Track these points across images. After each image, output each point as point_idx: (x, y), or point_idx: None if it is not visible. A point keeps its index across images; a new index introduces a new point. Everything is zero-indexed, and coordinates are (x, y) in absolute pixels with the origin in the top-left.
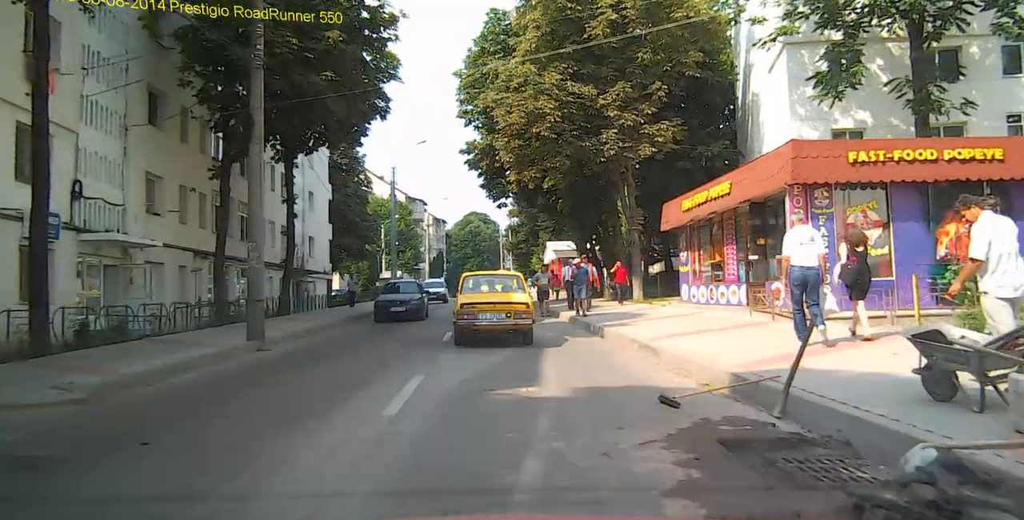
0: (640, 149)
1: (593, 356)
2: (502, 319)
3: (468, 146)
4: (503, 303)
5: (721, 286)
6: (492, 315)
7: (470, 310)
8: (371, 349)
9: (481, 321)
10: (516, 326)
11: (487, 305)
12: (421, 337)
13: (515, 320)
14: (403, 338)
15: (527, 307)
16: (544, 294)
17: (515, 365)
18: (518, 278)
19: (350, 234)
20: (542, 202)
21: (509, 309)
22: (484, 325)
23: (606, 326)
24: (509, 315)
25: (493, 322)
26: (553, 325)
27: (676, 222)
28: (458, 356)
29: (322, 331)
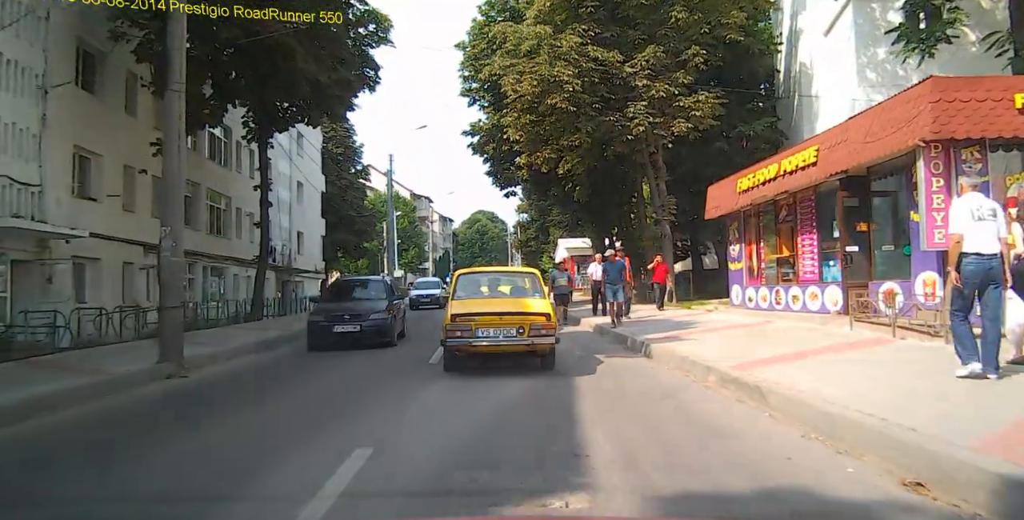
0: (673, 125)
1: (653, 396)
2: (512, 337)
3: (472, 127)
4: (514, 313)
5: (793, 288)
6: (497, 331)
7: (465, 324)
8: (321, 378)
9: (481, 339)
10: (533, 347)
11: (490, 317)
12: (399, 356)
13: (532, 338)
14: (374, 358)
15: (548, 319)
16: (564, 298)
17: (532, 420)
18: (533, 277)
19: (346, 230)
20: (555, 192)
21: (523, 322)
22: (485, 345)
23: (651, 341)
24: (522, 331)
25: (499, 341)
26: (575, 337)
27: (727, 207)
28: (442, 396)
29: (281, 344)
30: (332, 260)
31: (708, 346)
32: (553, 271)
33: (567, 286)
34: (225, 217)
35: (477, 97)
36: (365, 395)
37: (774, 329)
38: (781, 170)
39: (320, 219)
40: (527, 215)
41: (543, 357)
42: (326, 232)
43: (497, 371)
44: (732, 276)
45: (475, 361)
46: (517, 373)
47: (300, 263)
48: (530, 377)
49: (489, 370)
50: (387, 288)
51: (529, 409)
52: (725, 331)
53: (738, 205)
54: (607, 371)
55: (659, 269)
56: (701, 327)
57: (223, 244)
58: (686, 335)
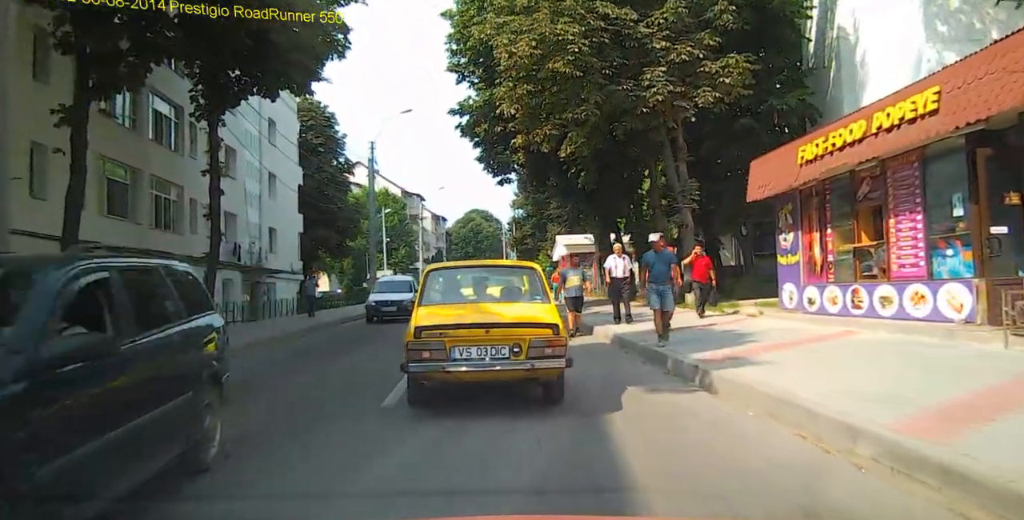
0: (698, 95)
1: (773, 490)
2: (504, 359)
3: (461, 106)
4: (506, 325)
5: (881, 286)
6: (483, 350)
7: (435, 341)
8: None
9: (459, 363)
10: (533, 372)
11: (472, 330)
12: (349, 382)
13: (532, 360)
14: (313, 382)
15: (555, 332)
16: (578, 303)
17: None
18: (533, 274)
19: (328, 226)
20: (555, 182)
21: (519, 337)
22: (466, 371)
23: (707, 364)
24: (519, 350)
25: (485, 365)
26: (589, 352)
27: (780, 185)
28: (393, 473)
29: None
30: (312, 259)
31: (802, 375)
32: (566, 268)
33: (581, 287)
34: (176, 209)
35: (466, 73)
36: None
37: (875, 345)
38: (873, 127)
39: (297, 215)
40: (523, 210)
41: (548, 385)
42: (305, 229)
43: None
44: (783, 273)
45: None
46: (506, 410)
47: (273, 262)
48: (524, 420)
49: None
50: None
51: None
52: (804, 346)
53: (798, 181)
54: (651, 417)
55: (699, 264)
56: (763, 340)
57: (174, 240)
58: (753, 354)
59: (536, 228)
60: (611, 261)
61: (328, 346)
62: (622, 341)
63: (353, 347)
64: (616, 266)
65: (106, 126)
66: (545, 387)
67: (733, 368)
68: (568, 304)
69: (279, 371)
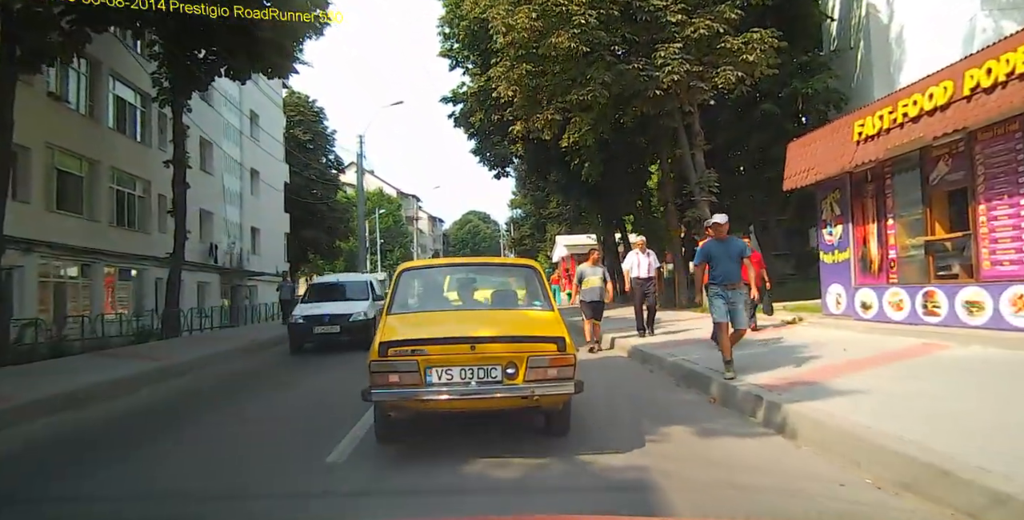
0: (717, 75)
1: None
2: (494, 383)
3: (454, 94)
4: (498, 339)
5: (967, 289)
6: (467, 372)
7: (406, 361)
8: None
9: (438, 389)
10: (534, 400)
11: (454, 346)
12: (293, 420)
13: (531, 384)
14: (246, 417)
15: (561, 348)
16: (598, 309)
17: None
18: (531, 274)
19: (317, 227)
20: (556, 178)
21: (514, 354)
22: (447, 400)
23: (777, 396)
24: (514, 371)
25: (470, 392)
26: (604, 367)
27: (829, 169)
28: None
29: (148, 384)
30: (300, 261)
31: (918, 411)
32: (583, 267)
33: (603, 289)
34: (142, 206)
35: (459, 58)
36: None
37: (979, 363)
38: (964, 89)
39: (283, 214)
40: (521, 210)
41: (551, 414)
42: (292, 229)
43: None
44: (827, 272)
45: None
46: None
47: (256, 264)
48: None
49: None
50: None
51: None
52: (888, 366)
53: (853, 162)
54: (715, 487)
55: (756, 258)
56: (825, 356)
57: (139, 239)
58: (824, 377)
59: (535, 228)
60: (632, 259)
61: (291, 361)
62: (644, 355)
63: (318, 363)
64: (638, 264)
65: (57, 112)
66: (547, 416)
67: (810, 400)
68: (585, 311)
69: (213, 398)
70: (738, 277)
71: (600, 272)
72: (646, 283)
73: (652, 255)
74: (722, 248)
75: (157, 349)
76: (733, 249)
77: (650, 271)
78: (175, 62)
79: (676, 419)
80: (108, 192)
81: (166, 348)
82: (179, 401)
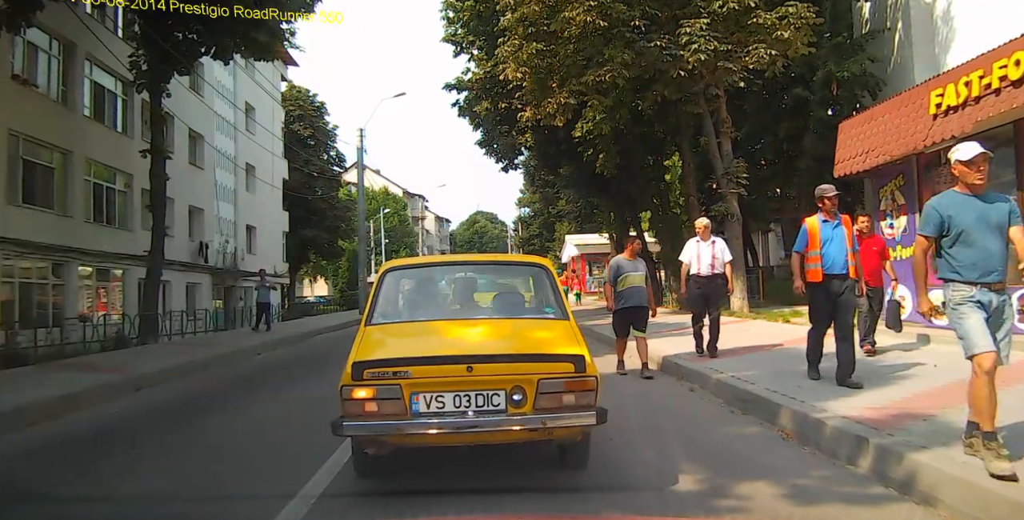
0: (747, 55)
1: None
2: (497, 412)
3: (458, 82)
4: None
5: None
6: (462, 398)
7: (388, 384)
8: None
9: (426, 420)
10: (546, 432)
11: (445, 367)
12: (237, 466)
13: (542, 415)
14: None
15: (579, 368)
16: (641, 317)
17: None
18: (542, 275)
19: (317, 226)
20: (566, 172)
21: (520, 377)
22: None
23: (888, 438)
24: (521, 398)
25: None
26: (635, 386)
27: (889, 150)
28: None
29: (85, 406)
30: (301, 261)
31: None
32: (619, 258)
33: (646, 290)
34: (124, 201)
35: (464, 43)
36: None
37: None
38: None
39: (282, 212)
40: (529, 209)
41: (565, 447)
42: (291, 228)
43: None
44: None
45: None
46: None
47: (252, 264)
48: None
49: None
50: None
51: None
52: (1010, 390)
53: (929, 139)
54: None
55: (866, 250)
56: (917, 373)
57: (119, 237)
58: (929, 404)
59: (544, 227)
60: (692, 249)
61: (269, 371)
62: (681, 370)
63: (299, 373)
64: (698, 257)
65: (23, 96)
66: (561, 448)
67: (943, 445)
68: (619, 323)
69: (157, 426)
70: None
71: (643, 268)
72: (709, 283)
73: (719, 244)
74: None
75: (122, 358)
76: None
77: (715, 267)
78: (152, 42)
79: (744, 466)
80: (84, 185)
81: (133, 357)
82: (111, 430)
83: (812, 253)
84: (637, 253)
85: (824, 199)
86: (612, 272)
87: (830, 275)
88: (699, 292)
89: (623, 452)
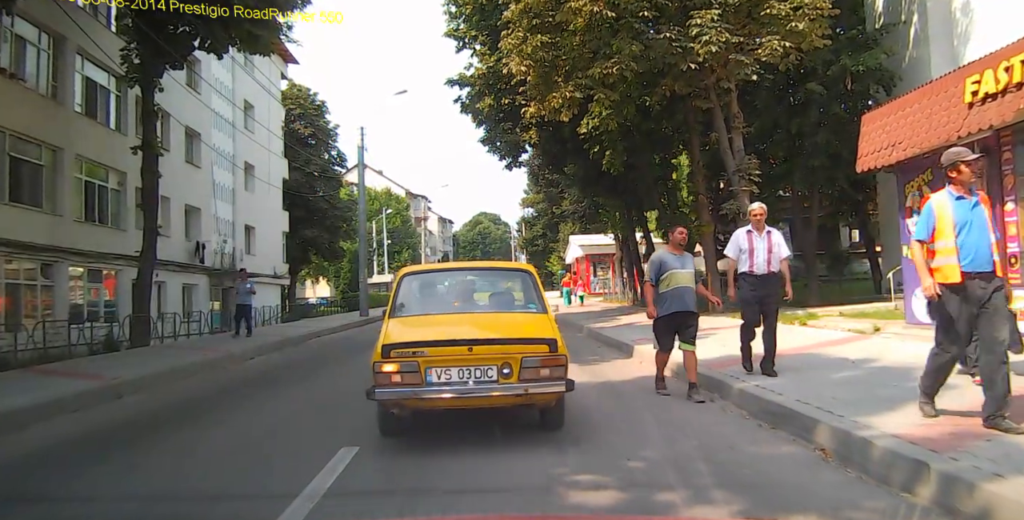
0: (760, 47)
1: None
2: (490, 382)
3: (460, 77)
4: (493, 341)
5: None
6: (465, 372)
7: (409, 361)
8: None
9: (438, 388)
10: (527, 397)
11: (452, 348)
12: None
13: (526, 383)
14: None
15: (551, 349)
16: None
17: None
18: (526, 278)
19: (318, 226)
20: (572, 169)
21: (508, 355)
22: (445, 397)
23: (964, 468)
24: (509, 371)
25: (469, 391)
26: (647, 395)
27: (919, 143)
28: None
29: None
30: (302, 262)
31: None
32: (663, 254)
33: (693, 289)
34: (117, 200)
35: (467, 38)
36: None
37: None
38: None
39: (281, 212)
40: (533, 209)
41: (545, 410)
42: (291, 228)
43: None
44: (913, 272)
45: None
46: None
47: (251, 265)
48: None
49: None
50: None
51: None
52: None
53: (964, 129)
54: None
55: None
56: (960, 383)
57: (111, 236)
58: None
59: (547, 228)
60: (743, 242)
61: (258, 379)
62: (701, 379)
63: (288, 382)
64: (750, 251)
65: (10, 90)
66: (542, 412)
67: (1017, 473)
68: (662, 329)
69: (128, 439)
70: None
71: (691, 264)
72: (764, 284)
73: (776, 236)
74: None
75: (107, 363)
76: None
77: (771, 264)
78: (144, 35)
79: (783, 494)
80: (75, 184)
81: (119, 362)
82: (84, 441)
83: (941, 244)
84: (683, 244)
85: (959, 166)
86: (653, 269)
87: (972, 274)
88: (753, 295)
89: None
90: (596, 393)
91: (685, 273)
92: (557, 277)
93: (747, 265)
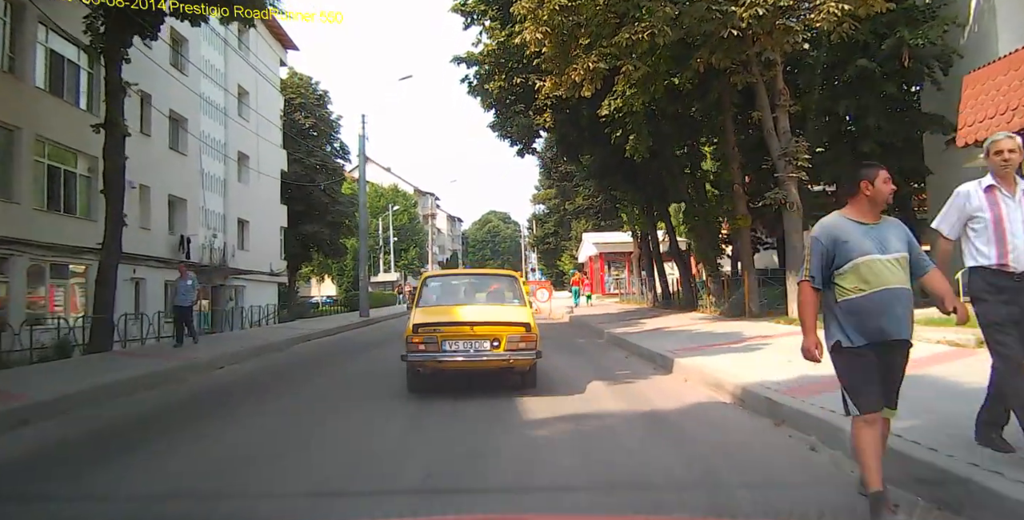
0: (812, 12)
1: None
2: (485, 351)
3: (468, 55)
4: (487, 323)
5: None
6: (468, 344)
7: (430, 335)
8: None
9: (448, 354)
10: (509, 362)
11: (459, 327)
12: None
13: (509, 353)
14: None
15: (528, 330)
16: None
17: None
18: (512, 281)
19: (319, 221)
20: (590, 158)
21: (497, 333)
22: (452, 361)
23: None
24: (497, 344)
25: (469, 357)
26: (711, 428)
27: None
28: None
29: None
30: (302, 258)
31: None
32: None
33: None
34: (86, 187)
35: (475, 13)
36: None
37: None
38: None
39: (279, 205)
40: (544, 205)
41: (523, 374)
42: (290, 223)
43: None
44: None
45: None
46: None
47: (245, 262)
48: None
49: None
50: None
51: None
52: None
53: None
54: None
55: None
56: None
57: (79, 227)
58: None
59: (559, 225)
60: (973, 205)
61: (216, 396)
62: (779, 410)
63: (256, 400)
64: (1004, 220)
65: None
66: (522, 376)
67: None
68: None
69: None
70: None
71: (903, 240)
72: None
73: None
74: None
75: (37, 375)
76: None
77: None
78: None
79: None
80: (34, 167)
81: (55, 373)
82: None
83: None
84: (882, 206)
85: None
86: (818, 253)
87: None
88: (1008, 311)
89: None
90: (647, 433)
91: (892, 261)
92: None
93: (993, 252)
